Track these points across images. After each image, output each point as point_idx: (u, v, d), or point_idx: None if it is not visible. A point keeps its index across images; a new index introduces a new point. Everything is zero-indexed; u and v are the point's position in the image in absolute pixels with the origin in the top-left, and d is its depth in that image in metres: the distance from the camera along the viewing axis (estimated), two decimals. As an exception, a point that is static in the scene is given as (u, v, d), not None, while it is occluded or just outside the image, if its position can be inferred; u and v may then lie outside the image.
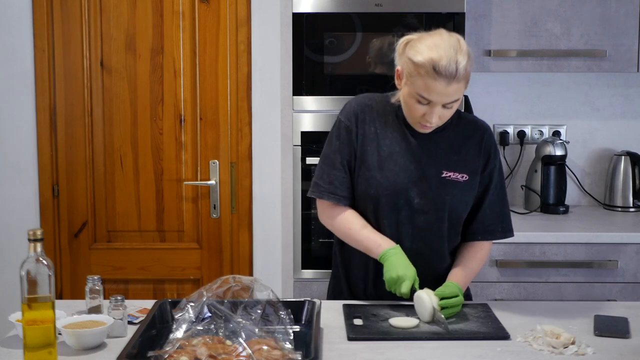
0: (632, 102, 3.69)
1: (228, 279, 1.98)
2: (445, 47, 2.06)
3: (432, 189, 2.23)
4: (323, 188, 2.28)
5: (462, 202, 2.26)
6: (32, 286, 1.73)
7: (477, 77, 3.58)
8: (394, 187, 2.22)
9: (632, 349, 1.91)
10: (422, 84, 2.08)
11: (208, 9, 3.35)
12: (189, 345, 1.75)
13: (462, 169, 2.25)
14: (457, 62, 2.05)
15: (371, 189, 2.24)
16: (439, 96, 2.08)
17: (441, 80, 2.05)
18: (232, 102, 3.39)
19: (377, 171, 2.23)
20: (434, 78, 2.05)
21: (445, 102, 2.10)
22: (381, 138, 2.25)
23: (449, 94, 2.08)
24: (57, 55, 3.37)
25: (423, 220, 2.25)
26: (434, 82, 2.06)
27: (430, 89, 2.07)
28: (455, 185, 2.24)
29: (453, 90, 2.07)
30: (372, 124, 2.26)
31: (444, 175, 2.23)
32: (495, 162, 2.30)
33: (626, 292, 3.12)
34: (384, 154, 2.24)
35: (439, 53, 2.05)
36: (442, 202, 2.23)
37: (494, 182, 2.29)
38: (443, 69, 2.04)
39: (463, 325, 2.08)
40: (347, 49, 3.20)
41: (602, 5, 3.30)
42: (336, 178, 2.27)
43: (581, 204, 3.71)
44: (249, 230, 3.44)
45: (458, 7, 3.14)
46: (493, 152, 2.29)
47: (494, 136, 2.33)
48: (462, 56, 2.07)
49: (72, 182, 3.43)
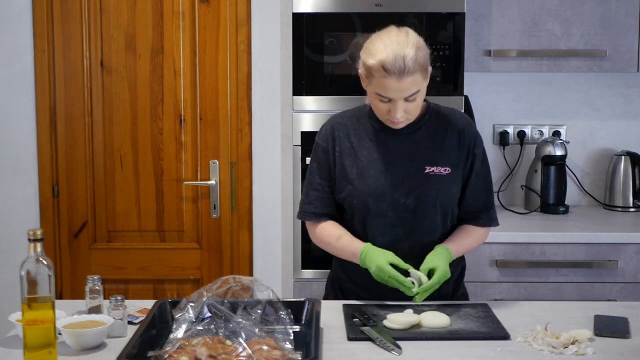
0: (632, 102, 3.69)
1: (228, 279, 1.98)
2: (393, 45, 2.13)
3: (416, 186, 2.27)
4: (303, 209, 2.39)
5: (447, 194, 2.30)
6: (32, 286, 1.73)
7: (477, 77, 3.58)
8: (376, 192, 2.27)
9: (632, 349, 1.91)
10: (377, 83, 2.16)
11: (208, 9, 3.35)
12: (189, 345, 1.75)
13: (444, 162, 2.29)
14: (404, 57, 2.11)
15: (354, 199, 2.30)
16: (395, 92, 2.15)
17: (392, 77, 2.12)
18: (232, 102, 3.39)
19: (358, 181, 2.30)
20: (385, 76, 2.13)
21: (404, 96, 2.16)
22: (358, 150, 2.32)
23: (405, 88, 2.14)
24: (57, 55, 3.37)
25: (412, 218, 2.28)
26: (386, 80, 2.13)
27: (385, 87, 2.14)
28: (440, 179, 2.28)
29: (408, 84, 2.13)
30: (346, 139, 2.33)
31: (426, 171, 2.28)
32: (476, 152, 2.33)
33: (626, 292, 3.12)
34: (362, 164, 2.30)
35: (386, 52, 2.13)
36: (428, 197, 2.27)
37: (474, 172, 2.33)
38: (391, 66, 2.11)
39: (463, 325, 2.08)
40: (347, 49, 3.20)
41: (602, 5, 3.30)
42: (315, 198, 2.36)
43: (581, 204, 3.71)
44: (249, 230, 3.44)
45: (458, 7, 3.14)
46: (473, 141, 2.33)
47: (475, 127, 2.38)
48: (409, 49, 2.12)
49: (72, 182, 3.43)
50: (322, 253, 3.19)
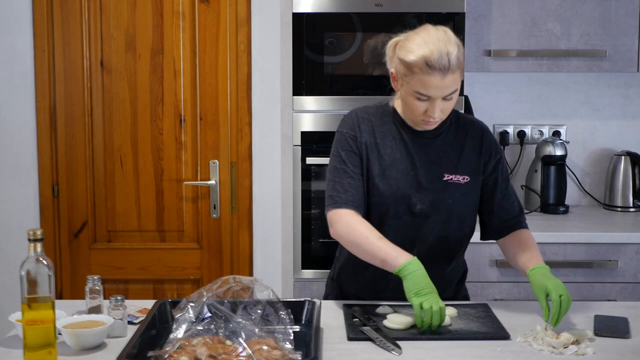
0: (632, 102, 3.69)
1: (228, 279, 1.98)
2: (434, 41, 2.09)
3: (433, 193, 2.24)
4: (339, 198, 2.22)
5: (464, 203, 2.27)
6: (32, 286, 1.73)
7: (477, 77, 3.58)
8: (395, 195, 2.23)
9: (632, 349, 1.91)
10: (418, 81, 2.10)
11: (208, 9, 3.35)
12: (189, 345, 1.75)
13: (462, 170, 2.26)
14: (449, 54, 2.07)
15: (374, 197, 2.25)
16: (437, 90, 2.10)
17: (436, 74, 2.07)
18: (232, 102, 3.39)
19: (380, 179, 2.24)
20: (429, 73, 2.08)
21: (444, 94, 2.12)
22: (381, 147, 2.26)
23: (447, 86, 2.10)
24: (57, 55, 3.37)
25: (426, 224, 2.25)
26: (429, 77, 2.08)
27: (427, 85, 2.09)
28: (457, 188, 2.25)
29: (449, 81, 2.10)
30: (371, 134, 2.27)
31: (445, 178, 2.25)
32: (498, 158, 2.32)
33: (626, 292, 3.12)
34: (386, 162, 2.25)
35: (429, 48, 2.08)
36: (445, 205, 2.24)
37: (501, 178, 2.31)
38: (436, 62, 2.06)
39: (463, 325, 2.08)
40: (347, 49, 3.20)
41: (602, 5, 3.30)
42: (351, 186, 2.23)
43: (581, 204, 3.71)
44: (249, 230, 3.44)
45: (458, 7, 3.14)
46: (494, 149, 2.32)
47: (493, 134, 2.34)
48: (452, 47, 2.09)
49: (72, 182, 3.43)
50: (322, 253, 3.18)
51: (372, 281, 2.31)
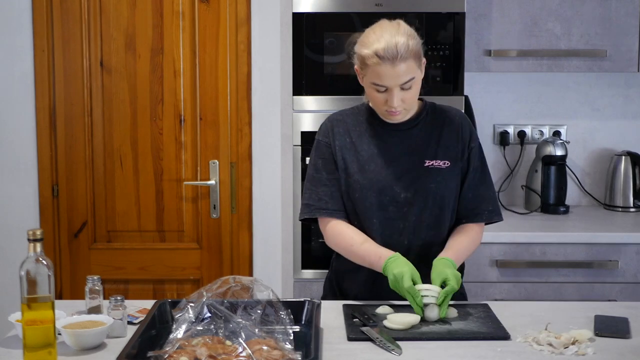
0: (632, 102, 3.69)
1: (228, 279, 1.98)
2: (384, 34, 2.19)
3: (416, 179, 2.28)
4: (314, 206, 2.34)
5: (447, 188, 2.31)
6: (32, 286, 1.72)
7: (477, 77, 3.58)
8: (377, 186, 2.28)
9: (633, 349, 1.91)
10: (372, 72, 2.19)
11: (208, 9, 3.35)
12: (188, 345, 1.75)
13: (443, 156, 2.31)
14: (397, 43, 2.16)
15: (356, 193, 2.30)
16: (390, 79, 2.17)
17: (386, 63, 2.16)
18: (232, 102, 3.38)
19: (359, 174, 2.30)
20: (379, 63, 2.17)
21: (399, 83, 2.18)
22: (358, 145, 2.33)
23: (399, 75, 2.17)
24: (57, 55, 3.37)
25: (412, 212, 2.29)
26: (380, 67, 2.17)
27: (380, 74, 2.18)
28: (438, 172, 2.29)
29: (402, 70, 2.16)
30: (346, 135, 2.34)
31: (426, 164, 2.29)
32: (472, 146, 2.35)
33: (626, 292, 3.12)
34: (363, 158, 2.31)
35: (379, 40, 2.18)
36: (427, 190, 2.28)
37: (472, 165, 2.34)
38: (384, 52, 2.15)
39: (463, 325, 2.07)
40: (347, 49, 3.19)
41: (602, 5, 3.30)
42: (325, 194, 2.33)
43: (581, 204, 3.71)
44: (249, 230, 3.43)
45: (458, 7, 3.14)
46: (469, 137, 2.35)
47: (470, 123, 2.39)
48: (400, 36, 2.17)
49: (71, 182, 3.42)
50: (322, 253, 3.18)
51: (369, 281, 2.33)
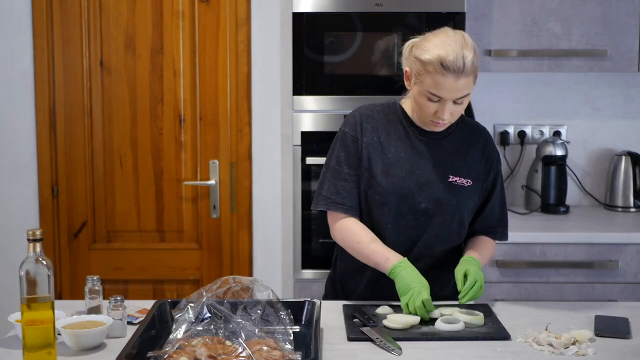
0: (632, 102, 3.69)
1: (228, 279, 1.98)
2: (451, 43, 2.10)
3: (438, 193, 2.24)
4: (330, 200, 2.27)
5: (466, 207, 2.29)
6: (32, 286, 1.72)
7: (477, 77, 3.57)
8: (399, 192, 2.23)
9: (633, 350, 1.91)
10: (432, 81, 2.11)
11: (208, 9, 3.35)
12: (188, 345, 1.75)
13: (467, 174, 2.27)
14: (464, 57, 2.08)
15: (376, 195, 2.25)
16: (448, 92, 2.11)
17: (450, 75, 2.08)
18: (232, 102, 3.38)
19: (383, 177, 2.24)
20: (443, 74, 2.09)
21: (456, 97, 2.13)
22: (385, 146, 2.26)
23: (459, 89, 2.11)
24: (57, 55, 3.36)
25: (429, 224, 2.26)
26: (442, 78, 2.09)
27: (440, 85, 2.10)
28: (461, 190, 2.26)
29: (462, 84, 2.11)
30: (375, 133, 2.27)
31: (450, 179, 2.25)
32: (498, 168, 2.34)
33: (627, 293, 3.12)
34: (389, 160, 2.25)
35: (446, 49, 2.09)
36: (449, 206, 2.25)
37: (497, 187, 2.34)
38: (451, 64, 2.07)
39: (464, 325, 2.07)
40: (347, 49, 3.19)
41: (602, 5, 3.30)
42: (343, 189, 2.26)
43: (582, 204, 3.71)
44: (249, 230, 3.43)
45: (458, 6, 3.14)
46: (495, 158, 2.34)
47: (495, 144, 2.38)
48: (468, 51, 2.10)
49: (71, 182, 3.42)
50: (322, 253, 3.18)
51: (373, 280, 2.31)
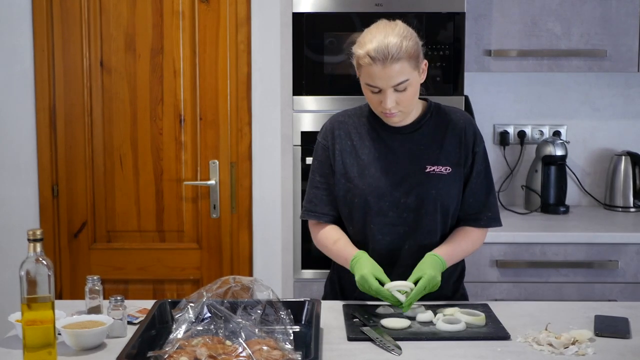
0: (632, 102, 3.69)
1: (228, 279, 1.98)
2: (378, 34, 2.17)
3: (417, 185, 2.26)
4: (305, 208, 2.39)
5: (447, 194, 2.28)
6: (32, 286, 1.72)
7: (477, 77, 3.58)
8: (377, 192, 2.27)
9: (633, 349, 1.91)
10: (365, 72, 2.19)
11: (208, 9, 3.35)
12: (188, 345, 1.75)
13: (444, 161, 2.28)
14: (387, 44, 2.13)
15: (355, 198, 2.29)
16: (381, 80, 2.16)
17: (377, 63, 2.14)
18: (232, 102, 3.38)
19: (359, 180, 2.28)
20: (370, 64, 2.15)
21: (392, 84, 2.16)
22: (359, 149, 2.31)
23: (392, 76, 2.14)
24: (57, 55, 3.37)
25: (412, 218, 2.27)
26: (372, 67, 2.15)
27: (372, 75, 2.16)
28: (439, 178, 2.27)
29: (395, 71, 2.14)
30: (347, 138, 2.33)
31: (427, 170, 2.27)
32: (477, 150, 2.32)
33: (627, 293, 3.12)
34: (364, 162, 2.29)
35: (372, 40, 2.16)
36: (428, 196, 2.26)
37: (475, 171, 2.32)
38: (375, 52, 2.13)
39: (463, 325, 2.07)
40: (347, 49, 3.19)
41: (602, 5, 3.30)
42: (315, 196, 2.35)
43: (581, 204, 3.71)
44: (249, 230, 3.43)
45: (458, 7, 3.14)
46: (473, 141, 2.32)
47: (476, 125, 2.36)
48: (394, 37, 2.15)
49: (71, 182, 3.42)
50: (322, 253, 3.18)
51: None
